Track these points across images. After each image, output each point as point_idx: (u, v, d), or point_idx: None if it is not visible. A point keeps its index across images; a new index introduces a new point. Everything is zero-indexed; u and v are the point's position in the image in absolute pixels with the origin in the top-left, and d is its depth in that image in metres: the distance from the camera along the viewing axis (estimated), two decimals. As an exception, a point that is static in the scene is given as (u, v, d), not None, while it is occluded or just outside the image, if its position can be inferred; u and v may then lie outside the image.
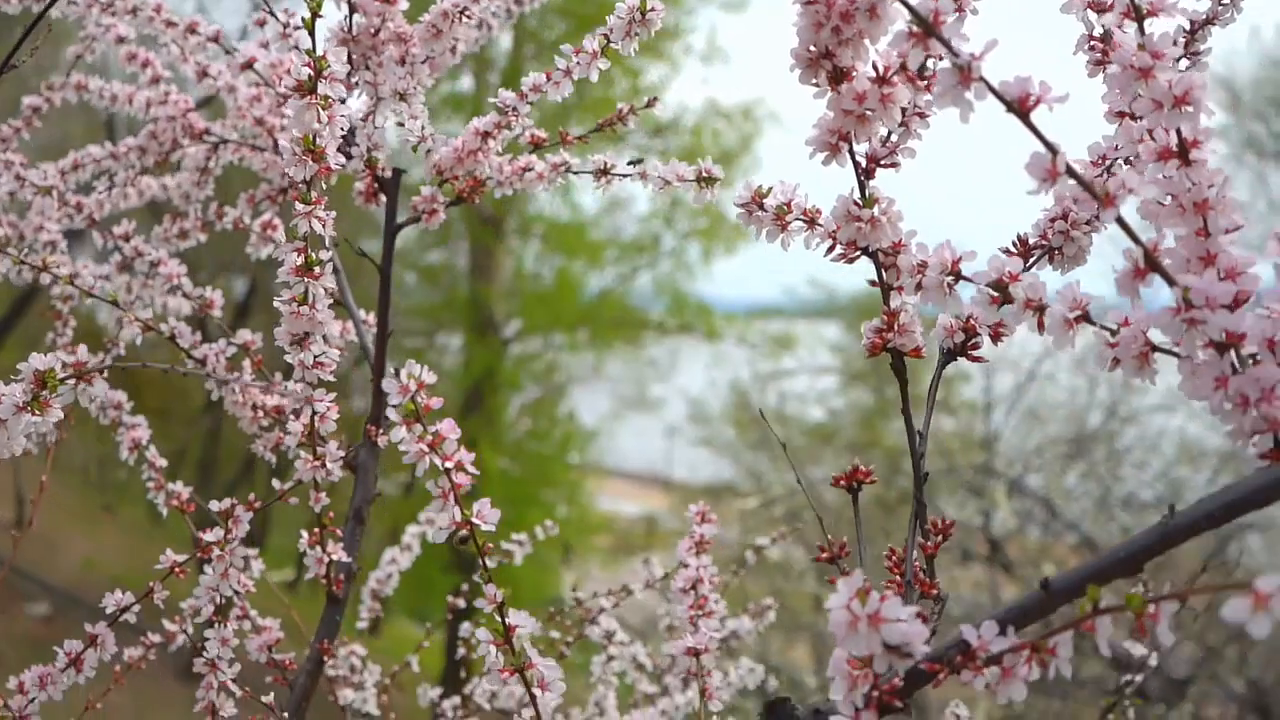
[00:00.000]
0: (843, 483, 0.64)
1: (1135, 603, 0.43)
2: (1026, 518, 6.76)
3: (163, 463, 1.06)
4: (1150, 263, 0.49)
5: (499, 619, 0.61)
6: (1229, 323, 0.48)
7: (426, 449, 0.58)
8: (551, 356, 11.92)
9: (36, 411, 0.64)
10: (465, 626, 1.17)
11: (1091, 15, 0.61)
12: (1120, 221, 0.49)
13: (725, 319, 11.42)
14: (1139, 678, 1.09)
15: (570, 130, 0.97)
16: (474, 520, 0.59)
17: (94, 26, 1.18)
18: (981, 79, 0.47)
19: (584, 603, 1.28)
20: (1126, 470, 6.65)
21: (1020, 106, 0.48)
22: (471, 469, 0.59)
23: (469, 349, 10.94)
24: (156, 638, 1.07)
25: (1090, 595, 0.44)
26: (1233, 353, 0.49)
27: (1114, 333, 0.52)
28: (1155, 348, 0.51)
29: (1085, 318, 0.53)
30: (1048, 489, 6.46)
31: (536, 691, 0.61)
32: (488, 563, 0.61)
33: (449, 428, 0.59)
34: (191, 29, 1.04)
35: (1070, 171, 0.48)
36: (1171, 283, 0.48)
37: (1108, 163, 0.65)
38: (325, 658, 0.94)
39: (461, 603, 1.39)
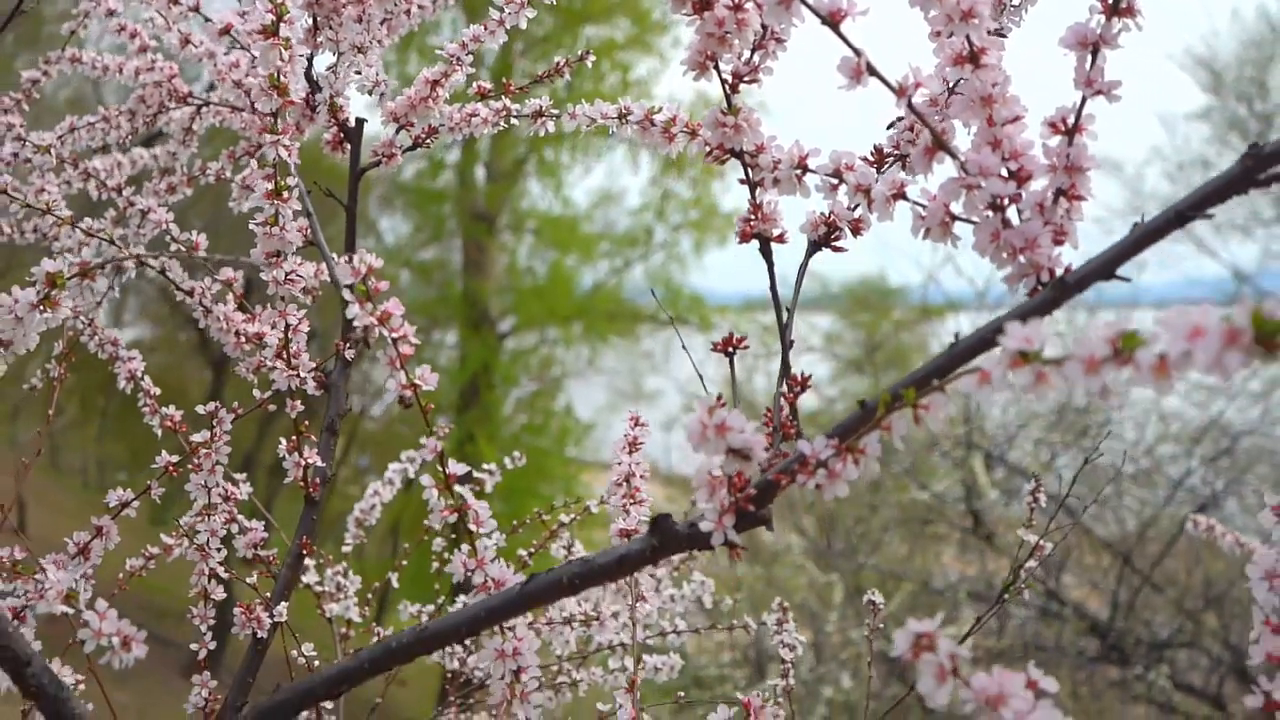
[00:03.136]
0: (720, 348, 0.76)
1: (910, 396, 0.55)
2: (1013, 494, 6.90)
3: (157, 391, 1.18)
4: (938, 143, 0.61)
5: (440, 468, 0.73)
6: (999, 188, 0.60)
7: (376, 322, 0.70)
8: (546, 351, 12.05)
9: (47, 308, 0.76)
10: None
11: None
12: (912, 109, 0.61)
13: (718, 310, 11.54)
14: (1032, 563, 1.21)
15: (541, 128, 1.08)
16: (417, 382, 0.72)
17: (86, 2, 1.29)
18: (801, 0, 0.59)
19: (546, 520, 1.40)
20: (1105, 443, 6.78)
21: (832, 19, 0.60)
22: (414, 340, 0.71)
23: (464, 345, 11.07)
24: (155, 549, 1.19)
25: (882, 400, 0.56)
26: (1012, 213, 0.62)
27: (925, 207, 0.64)
28: (954, 216, 0.63)
29: (901, 195, 0.65)
30: (1033, 464, 6.61)
31: (473, 527, 0.73)
32: (431, 423, 0.74)
33: (395, 305, 0.71)
34: (174, 0, 1.16)
35: (871, 70, 0.60)
36: (955, 158, 0.61)
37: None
38: (305, 553, 1.06)
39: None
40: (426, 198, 11.13)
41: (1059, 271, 0.60)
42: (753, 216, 0.71)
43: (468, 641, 1.42)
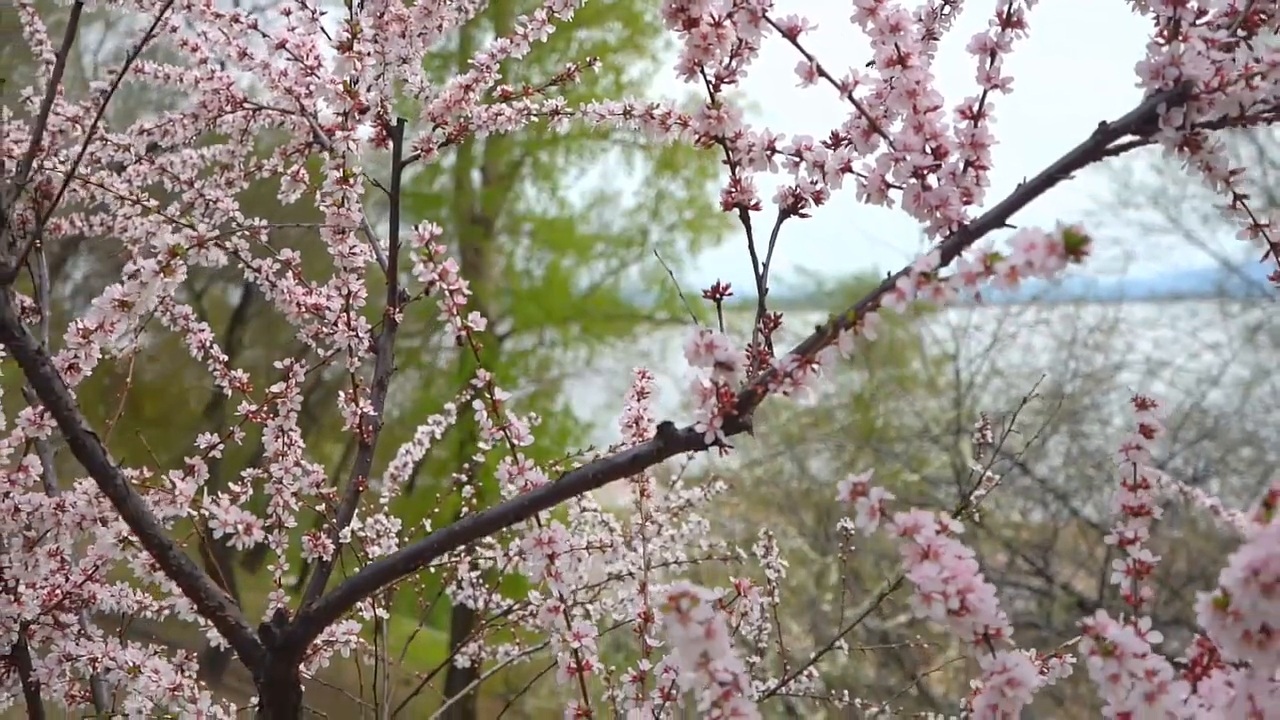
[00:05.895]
0: (709, 295, 0.95)
1: (852, 317, 0.73)
2: (1000, 477, 7.10)
3: (224, 357, 1.36)
4: (872, 127, 0.79)
5: (489, 395, 0.92)
6: (920, 161, 0.78)
7: (437, 278, 0.88)
8: (544, 352, 12.23)
9: (167, 275, 0.94)
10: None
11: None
12: (855, 103, 0.79)
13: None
14: (980, 492, 1.40)
15: (557, 125, 1.27)
16: (470, 324, 0.90)
17: (150, 18, 1.47)
18: (765, 17, 0.78)
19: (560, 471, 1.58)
20: (1093, 427, 7.00)
21: (791, 33, 0.79)
22: (467, 292, 0.90)
23: (463, 348, 11.23)
24: (237, 488, 1.36)
25: (831, 321, 0.75)
26: (932, 180, 0.80)
27: (866, 178, 0.83)
28: (888, 184, 0.82)
29: (847, 169, 0.83)
30: (1021, 447, 6.81)
31: (515, 440, 0.91)
32: (481, 358, 0.92)
33: (452, 265, 0.89)
34: (235, 19, 1.34)
35: (820, 71, 0.78)
36: (886, 138, 0.79)
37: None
38: (360, 489, 1.24)
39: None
40: (423, 202, 11.31)
41: (966, 223, 0.78)
42: (733, 189, 0.90)
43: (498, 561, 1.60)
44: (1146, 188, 8.95)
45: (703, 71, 0.87)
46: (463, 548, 1.67)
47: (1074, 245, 0.57)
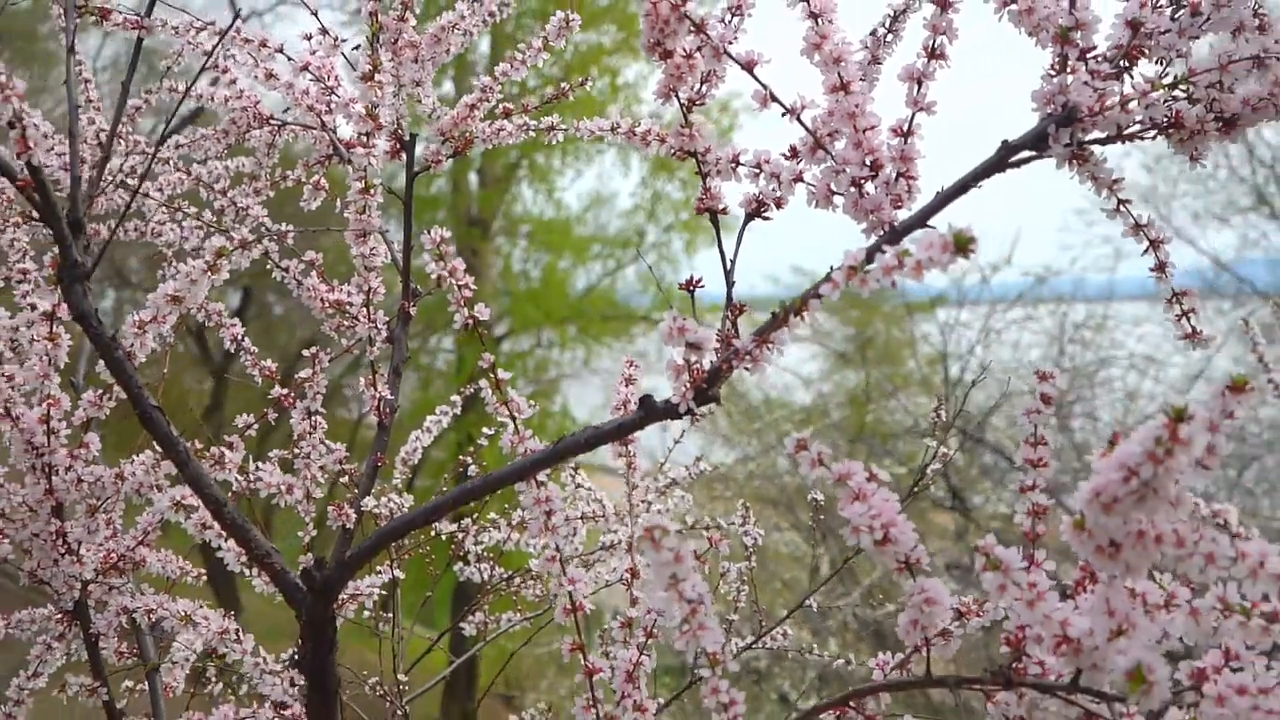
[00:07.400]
0: (685, 287, 1.09)
1: (798, 304, 0.88)
2: (989, 470, 7.27)
3: (254, 350, 1.50)
4: (817, 144, 0.94)
5: (493, 375, 1.06)
6: (858, 172, 0.93)
7: (447, 275, 1.03)
8: (542, 353, 12.37)
9: (213, 273, 1.09)
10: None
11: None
12: (802, 124, 0.94)
13: (711, 309, 11.86)
14: (936, 466, 1.54)
15: (553, 121, 1.41)
16: (475, 314, 1.04)
17: (184, 44, 1.62)
18: (726, 52, 0.92)
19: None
20: (1081, 422, 7.16)
21: (748, 66, 0.93)
22: (472, 286, 1.04)
23: (461, 349, 11.39)
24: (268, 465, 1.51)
25: (782, 307, 0.89)
26: (870, 188, 0.95)
27: (814, 187, 0.97)
28: (833, 191, 0.96)
29: (799, 179, 0.98)
30: (1009, 442, 6.97)
31: (516, 414, 1.06)
32: (487, 344, 1.06)
33: (459, 262, 1.04)
34: (263, 44, 1.48)
35: (773, 97, 0.93)
36: (827, 152, 0.94)
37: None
38: (379, 465, 1.38)
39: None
40: (421, 204, 11.37)
41: (896, 225, 0.93)
42: (704, 196, 1.04)
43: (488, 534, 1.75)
44: (1137, 186, 9.10)
45: (677, 95, 1.02)
46: (470, 525, 1.82)
47: (962, 244, 0.71)
